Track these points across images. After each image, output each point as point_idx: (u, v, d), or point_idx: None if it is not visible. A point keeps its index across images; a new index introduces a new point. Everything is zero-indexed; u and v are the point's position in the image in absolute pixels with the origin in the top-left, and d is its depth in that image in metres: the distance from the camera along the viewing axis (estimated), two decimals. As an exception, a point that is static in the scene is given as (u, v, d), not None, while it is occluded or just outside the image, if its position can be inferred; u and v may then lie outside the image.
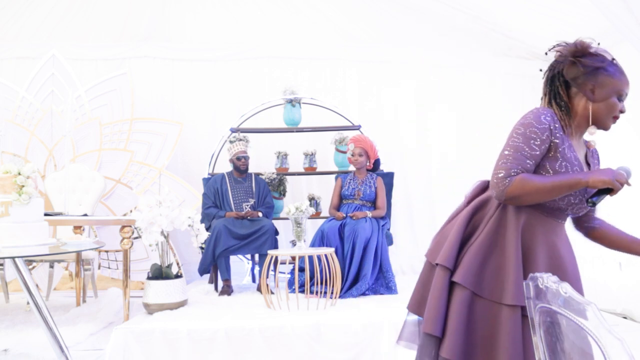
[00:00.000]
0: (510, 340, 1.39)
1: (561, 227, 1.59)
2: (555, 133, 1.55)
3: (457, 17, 5.22)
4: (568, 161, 1.53)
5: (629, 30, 3.09)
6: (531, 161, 1.52)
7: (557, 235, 1.55)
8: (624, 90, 1.55)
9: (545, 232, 1.52)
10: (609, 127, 1.59)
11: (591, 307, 0.97)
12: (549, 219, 1.54)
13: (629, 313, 4.24)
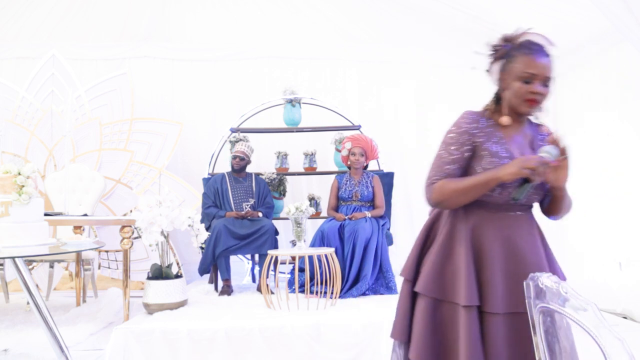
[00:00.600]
0: (468, 340, 1.42)
1: (519, 219, 1.55)
2: (477, 133, 1.57)
3: (457, 17, 5.22)
4: (495, 156, 1.53)
5: (629, 30, 3.09)
6: (452, 165, 1.56)
7: (514, 227, 1.53)
8: (527, 72, 1.49)
9: (499, 228, 1.53)
10: (529, 112, 1.55)
11: (591, 307, 0.97)
12: (499, 214, 1.54)
13: (629, 313, 4.24)
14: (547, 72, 1.50)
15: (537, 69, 1.49)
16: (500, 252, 1.49)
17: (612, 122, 4.52)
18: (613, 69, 4.49)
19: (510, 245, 1.51)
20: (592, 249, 4.77)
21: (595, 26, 4.39)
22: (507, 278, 1.46)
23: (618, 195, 4.42)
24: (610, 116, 4.54)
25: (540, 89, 1.50)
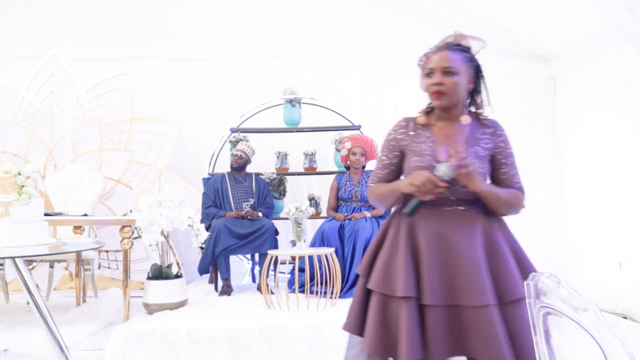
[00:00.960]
0: (406, 331, 1.49)
1: (458, 214, 1.59)
2: (403, 138, 1.69)
3: (457, 17, 5.22)
4: (419, 155, 1.63)
5: (629, 30, 3.09)
6: (383, 170, 1.73)
7: (451, 223, 1.58)
8: (427, 67, 1.63)
9: (436, 223, 1.58)
10: (439, 104, 1.63)
11: (591, 307, 0.97)
12: (437, 210, 1.59)
13: (629, 313, 4.23)
14: (443, 63, 1.58)
15: (433, 62, 1.60)
16: (436, 247, 1.55)
17: (612, 122, 4.52)
18: (613, 69, 4.49)
19: (445, 239, 1.56)
20: (592, 249, 4.77)
21: (595, 26, 4.39)
22: (443, 271, 1.52)
23: (618, 195, 4.42)
24: (610, 116, 4.54)
25: (439, 79, 1.58)
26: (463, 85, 1.61)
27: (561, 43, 5.01)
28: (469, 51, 1.65)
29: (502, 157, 1.63)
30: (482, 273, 1.49)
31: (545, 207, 5.40)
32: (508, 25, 5.09)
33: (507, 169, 1.63)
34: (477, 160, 1.58)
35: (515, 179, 1.65)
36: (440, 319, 1.48)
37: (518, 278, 1.53)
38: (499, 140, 1.64)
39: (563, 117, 5.36)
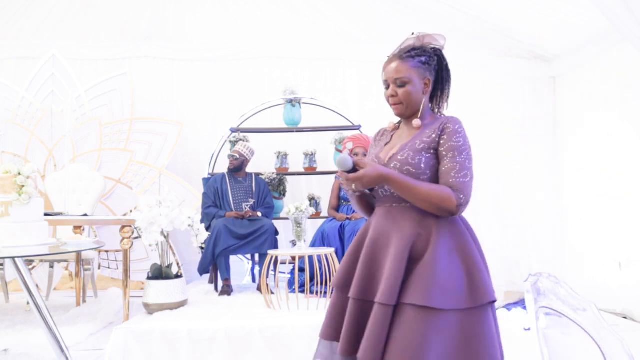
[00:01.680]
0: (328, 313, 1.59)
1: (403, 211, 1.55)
2: (373, 144, 1.74)
3: (457, 17, 5.22)
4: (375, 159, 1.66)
5: (629, 30, 3.08)
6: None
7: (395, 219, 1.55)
8: (383, 80, 1.66)
9: (382, 219, 1.59)
10: (398, 114, 1.66)
11: (591, 307, 0.97)
12: (385, 207, 1.60)
13: (629, 313, 4.24)
14: (393, 75, 1.61)
15: (386, 74, 1.64)
16: (373, 244, 1.55)
17: (612, 122, 4.52)
18: (613, 69, 4.49)
19: (382, 237, 1.55)
20: (592, 249, 4.77)
21: (595, 26, 4.39)
22: (371, 268, 1.52)
23: (618, 195, 4.42)
24: (610, 116, 4.54)
25: (392, 91, 1.62)
26: (417, 91, 1.61)
27: (561, 43, 5.01)
28: (425, 54, 1.62)
29: (444, 150, 1.54)
30: (397, 274, 1.44)
31: (545, 207, 5.40)
32: (508, 25, 5.09)
33: (446, 162, 1.52)
34: (410, 152, 1.54)
35: (451, 174, 1.50)
36: (354, 311, 1.50)
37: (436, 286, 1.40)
38: (443, 133, 1.56)
39: (563, 117, 5.36)
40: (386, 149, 1.65)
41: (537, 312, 1.13)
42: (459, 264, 1.45)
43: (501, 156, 5.40)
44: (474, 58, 5.44)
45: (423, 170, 1.52)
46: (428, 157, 1.54)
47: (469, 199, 1.51)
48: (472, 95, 5.48)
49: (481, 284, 1.42)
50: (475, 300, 1.40)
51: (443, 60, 1.66)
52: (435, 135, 1.56)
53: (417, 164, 1.52)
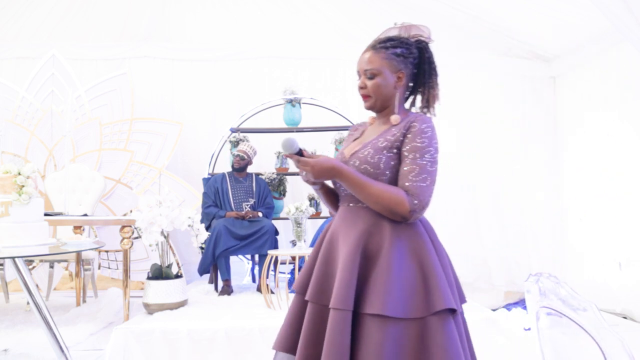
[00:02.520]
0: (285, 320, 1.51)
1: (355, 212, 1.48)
2: (347, 137, 1.67)
3: (457, 17, 5.22)
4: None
5: (629, 30, 3.08)
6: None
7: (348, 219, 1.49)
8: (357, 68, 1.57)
9: (338, 220, 1.53)
10: (367, 106, 1.57)
11: (591, 307, 0.97)
12: (343, 207, 1.54)
13: (629, 313, 4.24)
14: (363, 65, 1.52)
15: (358, 64, 1.55)
16: (328, 245, 1.49)
17: (612, 122, 4.52)
18: (613, 69, 4.49)
19: (337, 238, 1.49)
20: (592, 249, 4.77)
21: (595, 26, 4.39)
22: (325, 270, 1.46)
23: (618, 195, 4.42)
24: (610, 116, 4.54)
25: (361, 82, 1.53)
26: (387, 84, 1.51)
27: (561, 43, 5.01)
28: (402, 45, 1.53)
29: (406, 151, 1.43)
30: (348, 276, 1.36)
31: (545, 207, 5.40)
32: (508, 25, 5.09)
33: (407, 163, 1.42)
34: (371, 150, 1.46)
35: (409, 176, 1.41)
36: (312, 316, 1.42)
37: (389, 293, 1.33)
38: (408, 132, 1.45)
39: (563, 117, 5.36)
40: (353, 144, 1.57)
41: (537, 312, 1.13)
42: (414, 269, 1.36)
43: (501, 156, 5.40)
44: (474, 58, 5.44)
45: (382, 170, 1.43)
46: (389, 156, 1.44)
47: (425, 205, 1.40)
48: (472, 95, 5.49)
49: (437, 291, 1.33)
50: (429, 307, 1.32)
51: (425, 52, 1.57)
52: (400, 134, 1.46)
53: (376, 163, 1.44)
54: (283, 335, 1.49)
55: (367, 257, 1.39)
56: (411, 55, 1.54)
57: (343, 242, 1.44)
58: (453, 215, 5.37)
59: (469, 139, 5.43)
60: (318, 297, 1.42)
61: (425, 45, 1.57)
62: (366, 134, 1.58)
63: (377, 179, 1.43)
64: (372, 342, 1.29)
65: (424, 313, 1.31)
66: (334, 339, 1.31)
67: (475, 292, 5.30)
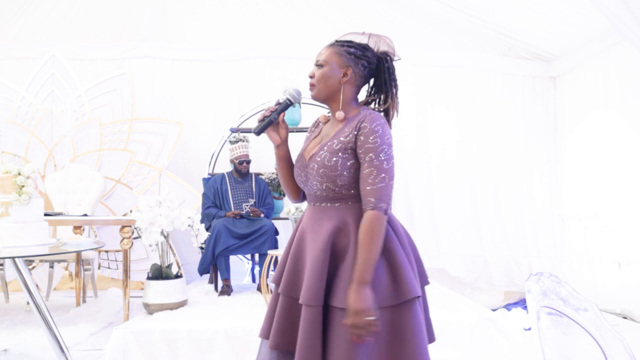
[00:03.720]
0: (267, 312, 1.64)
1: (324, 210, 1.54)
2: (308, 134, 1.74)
3: (457, 18, 5.23)
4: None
5: (629, 30, 3.09)
6: None
7: (316, 218, 1.56)
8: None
9: (306, 219, 1.60)
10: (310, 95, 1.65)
11: (591, 307, 0.97)
12: (310, 206, 1.61)
13: (628, 313, 4.24)
14: (317, 57, 1.64)
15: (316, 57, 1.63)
16: (298, 242, 1.58)
17: (612, 122, 4.52)
18: (613, 69, 4.49)
19: (305, 236, 1.57)
20: (592, 249, 4.77)
21: (595, 26, 4.39)
22: (296, 266, 1.55)
23: (618, 195, 4.42)
24: (610, 116, 4.54)
25: (311, 72, 1.62)
26: (332, 76, 1.57)
27: (561, 43, 5.01)
28: (357, 48, 1.60)
29: (361, 152, 1.47)
30: (318, 273, 1.44)
31: (545, 207, 5.40)
32: (508, 26, 5.09)
33: (365, 166, 1.46)
34: (327, 154, 1.51)
35: (369, 180, 1.45)
36: (285, 308, 1.53)
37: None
38: (360, 133, 1.48)
39: (563, 117, 5.37)
40: (311, 145, 1.64)
41: (538, 311, 1.13)
42: (382, 262, 1.44)
43: (501, 156, 5.41)
44: (474, 58, 5.45)
45: (340, 171, 1.48)
46: (345, 157, 1.49)
47: (389, 200, 1.46)
48: (472, 95, 5.49)
49: (404, 281, 1.42)
50: (399, 297, 1.42)
51: (385, 62, 1.62)
52: (352, 135, 1.50)
53: (333, 165, 1.49)
54: (265, 325, 1.62)
55: (336, 253, 1.47)
56: (364, 58, 1.59)
57: (312, 239, 1.52)
58: (453, 215, 5.37)
59: (469, 138, 5.43)
60: (289, 290, 1.52)
61: (385, 56, 1.63)
62: (323, 132, 1.65)
63: (336, 180, 1.49)
64: (343, 332, 1.38)
65: (393, 302, 1.41)
66: (307, 334, 1.42)
67: (475, 292, 5.31)
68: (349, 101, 1.59)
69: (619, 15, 3.08)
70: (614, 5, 3.06)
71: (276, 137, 1.66)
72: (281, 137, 1.67)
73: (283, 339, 1.50)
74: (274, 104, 1.62)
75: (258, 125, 1.61)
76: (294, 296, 1.50)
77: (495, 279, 5.28)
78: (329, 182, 1.50)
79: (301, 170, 1.60)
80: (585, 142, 4.93)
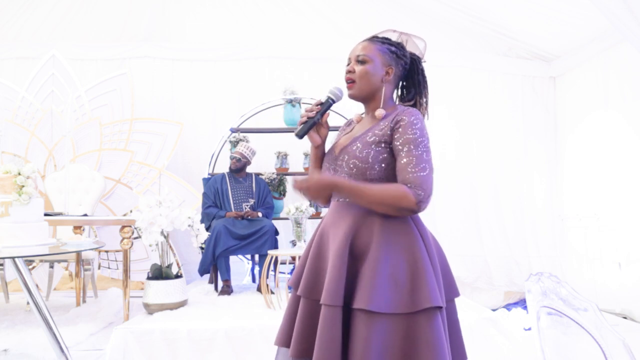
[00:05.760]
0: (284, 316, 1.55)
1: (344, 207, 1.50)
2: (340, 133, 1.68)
3: (457, 18, 5.22)
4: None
5: (629, 30, 3.09)
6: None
7: (336, 216, 1.50)
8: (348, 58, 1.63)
9: (328, 215, 1.55)
10: (348, 93, 1.60)
11: (591, 307, 0.97)
12: (332, 202, 1.56)
13: (628, 313, 4.24)
14: (357, 51, 1.57)
15: (351, 53, 1.60)
16: (319, 241, 1.52)
17: (612, 122, 4.52)
18: (613, 69, 4.49)
19: (327, 234, 1.51)
20: (592, 249, 4.77)
21: (595, 26, 4.39)
22: (317, 266, 1.48)
23: (618, 195, 4.42)
24: (610, 116, 4.54)
25: (351, 67, 1.56)
26: (376, 74, 1.52)
27: (561, 43, 5.01)
28: (397, 46, 1.57)
29: (399, 144, 1.43)
30: (339, 273, 1.38)
31: (545, 207, 5.40)
32: (508, 26, 5.09)
33: (402, 156, 1.41)
34: (359, 145, 1.47)
35: (408, 169, 1.39)
36: (306, 312, 1.44)
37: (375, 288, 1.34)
38: (397, 126, 1.45)
39: (563, 117, 5.37)
40: (343, 139, 1.58)
41: (538, 311, 1.13)
42: (403, 266, 1.36)
43: (501, 156, 5.41)
44: (474, 58, 5.45)
45: (371, 164, 1.43)
46: (378, 150, 1.44)
47: (429, 193, 1.38)
48: (472, 95, 5.49)
49: (425, 288, 1.33)
50: (415, 304, 1.32)
51: (419, 64, 1.60)
52: (388, 129, 1.46)
53: (364, 157, 1.44)
54: (282, 331, 1.52)
55: (356, 253, 1.40)
56: (404, 57, 1.57)
57: (333, 237, 1.46)
58: (453, 215, 5.37)
59: (469, 138, 5.43)
60: (309, 292, 1.44)
61: (418, 58, 1.61)
62: (355, 129, 1.60)
63: (367, 173, 1.44)
64: (361, 336, 1.31)
65: (410, 309, 1.32)
66: (325, 334, 1.33)
67: (475, 292, 5.30)
68: (387, 100, 1.56)
69: (619, 15, 3.08)
70: (614, 5, 3.06)
71: (317, 137, 1.58)
72: (322, 137, 1.60)
73: (307, 346, 1.39)
74: (314, 104, 1.55)
75: (302, 128, 1.53)
76: (315, 298, 1.41)
77: (495, 279, 5.28)
78: (359, 174, 1.44)
79: (330, 164, 1.54)
80: (585, 142, 4.93)
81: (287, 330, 1.49)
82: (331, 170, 1.53)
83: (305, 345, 1.40)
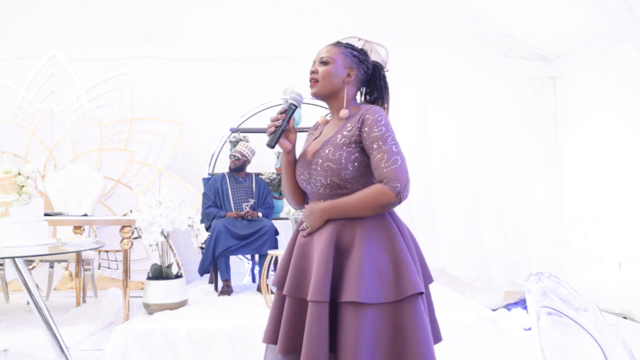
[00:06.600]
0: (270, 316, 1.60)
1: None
2: (307, 137, 1.75)
3: (457, 18, 5.22)
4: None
5: (629, 30, 3.09)
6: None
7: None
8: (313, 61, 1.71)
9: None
10: (311, 92, 1.67)
11: (591, 307, 0.97)
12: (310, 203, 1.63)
13: (628, 313, 4.24)
14: (321, 54, 1.67)
15: (316, 56, 1.69)
16: (301, 241, 1.59)
17: (612, 122, 4.52)
18: (613, 69, 4.49)
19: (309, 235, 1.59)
20: (592, 249, 4.77)
21: (595, 26, 4.39)
22: (301, 266, 1.54)
23: (618, 195, 4.42)
24: (610, 116, 4.54)
25: (314, 68, 1.65)
26: (337, 75, 1.61)
27: (561, 43, 5.01)
28: (360, 52, 1.66)
29: (369, 143, 1.51)
30: (324, 270, 1.45)
31: (545, 207, 5.40)
32: (508, 26, 5.09)
33: (374, 154, 1.50)
34: (331, 148, 1.54)
35: (382, 164, 1.48)
36: (291, 310, 1.51)
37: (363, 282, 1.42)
38: (364, 126, 1.52)
39: (563, 117, 5.37)
40: (314, 143, 1.65)
41: (538, 311, 1.13)
42: (386, 258, 1.46)
43: (501, 156, 5.41)
44: (474, 58, 5.45)
45: (344, 165, 1.51)
46: (349, 151, 1.52)
47: (406, 182, 1.50)
48: (472, 95, 5.49)
49: (407, 277, 1.43)
50: (400, 292, 1.41)
51: (381, 71, 1.69)
52: (356, 129, 1.53)
53: (337, 159, 1.52)
54: (269, 329, 1.58)
55: (341, 250, 1.48)
56: (366, 62, 1.66)
57: (317, 237, 1.53)
58: (453, 215, 5.37)
59: (469, 138, 5.43)
60: (295, 291, 1.51)
61: (381, 65, 1.70)
62: (324, 132, 1.66)
63: (341, 174, 1.51)
64: (351, 328, 1.38)
65: (396, 297, 1.41)
66: (312, 330, 1.40)
67: (475, 292, 5.30)
68: (350, 100, 1.64)
69: (619, 15, 3.08)
70: (614, 5, 3.06)
71: (287, 143, 1.65)
72: (292, 142, 1.67)
73: (294, 342, 1.47)
74: (277, 113, 1.62)
75: (272, 137, 1.59)
76: (301, 297, 1.49)
77: (495, 279, 5.28)
78: (334, 175, 1.52)
79: (304, 168, 1.60)
80: (585, 142, 4.93)
81: (274, 327, 1.56)
82: (306, 174, 1.59)
83: (292, 341, 1.47)
